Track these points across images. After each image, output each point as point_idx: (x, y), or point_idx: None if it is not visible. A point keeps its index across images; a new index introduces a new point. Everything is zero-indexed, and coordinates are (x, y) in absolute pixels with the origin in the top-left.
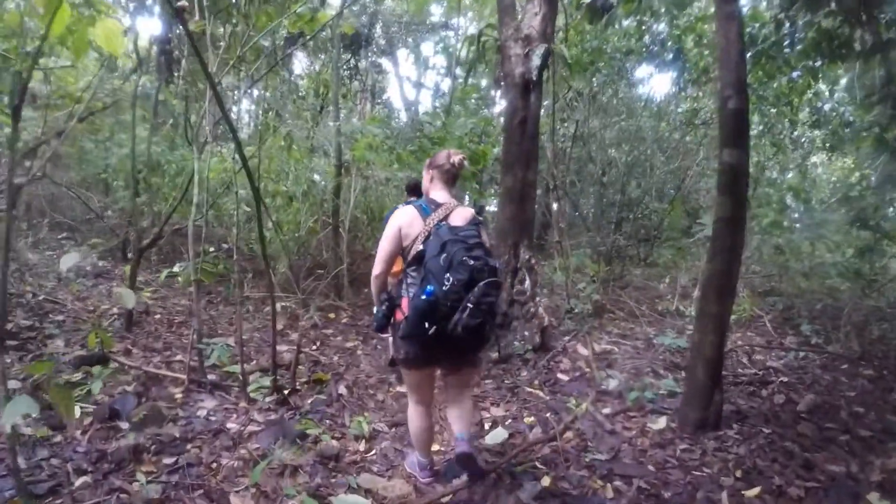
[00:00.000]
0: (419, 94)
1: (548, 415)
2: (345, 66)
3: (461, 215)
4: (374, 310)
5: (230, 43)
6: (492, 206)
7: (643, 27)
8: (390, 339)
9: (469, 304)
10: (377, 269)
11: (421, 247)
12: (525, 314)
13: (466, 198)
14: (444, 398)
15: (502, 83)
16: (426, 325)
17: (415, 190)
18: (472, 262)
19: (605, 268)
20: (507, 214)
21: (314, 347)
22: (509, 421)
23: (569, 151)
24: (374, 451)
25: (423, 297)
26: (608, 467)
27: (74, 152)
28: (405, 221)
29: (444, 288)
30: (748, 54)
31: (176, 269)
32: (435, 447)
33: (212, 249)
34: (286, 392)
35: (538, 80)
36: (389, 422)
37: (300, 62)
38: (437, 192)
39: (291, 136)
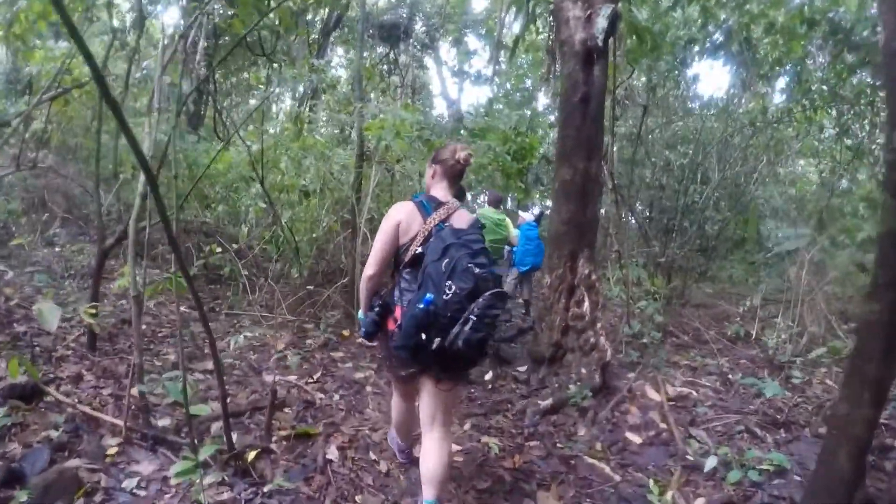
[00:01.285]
0: (461, 93)
1: None
2: (383, 61)
3: (463, 218)
4: (361, 314)
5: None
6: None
7: (708, 13)
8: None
9: (472, 317)
10: (370, 269)
11: (419, 249)
12: (582, 345)
13: (510, 199)
14: (424, 414)
15: (557, 53)
16: (423, 336)
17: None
18: (477, 270)
19: (667, 283)
20: (564, 216)
21: (313, 379)
22: None
23: (620, 149)
24: None
25: (421, 305)
26: None
27: (90, 145)
28: (404, 217)
29: (444, 297)
30: None
31: (123, 275)
32: None
33: (219, 250)
34: (251, 455)
35: (604, 49)
36: None
37: (336, 54)
38: (439, 190)
39: (302, 119)
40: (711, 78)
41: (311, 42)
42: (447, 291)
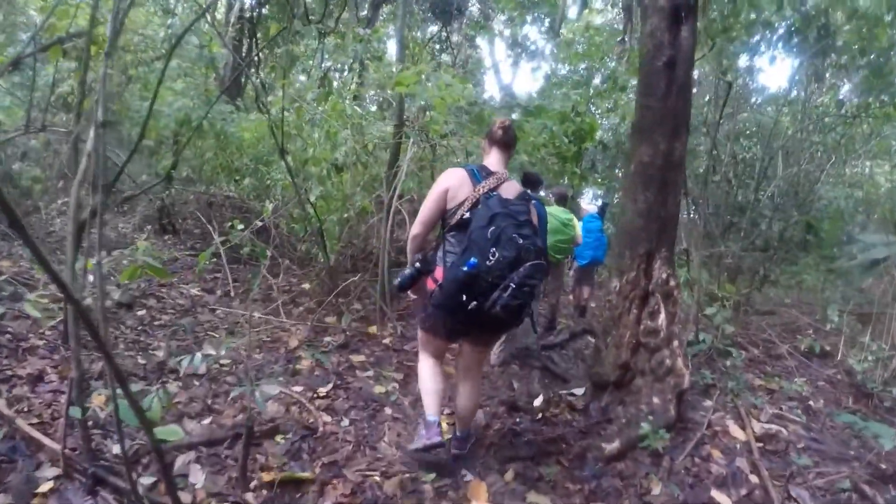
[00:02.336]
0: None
1: None
2: (434, 38)
3: (512, 189)
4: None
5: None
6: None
7: None
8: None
9: (512, 284)
10: (416, 229)
11: (467, 214)
12: (655, 368)
13: (564, 180)
14: (455, 371)
15: (637, 9)
16: (464, 297)
17: (530, 181)
18: (520, 241)
19: (735, 288)
20: (640, 207)
21: (322, 393)
22: None
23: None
24: None
25: (465, 268)
26: None
27: (122, 111)
28: (454, 183)
29: (487, 263)
30: None
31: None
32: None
33: (241, 227)
34: None
35: (693, 4)
36: None
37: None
38: (491, 161)
39: (331, 80)
40: (772, 71)
41: (359, 18)
42: (490, 258)
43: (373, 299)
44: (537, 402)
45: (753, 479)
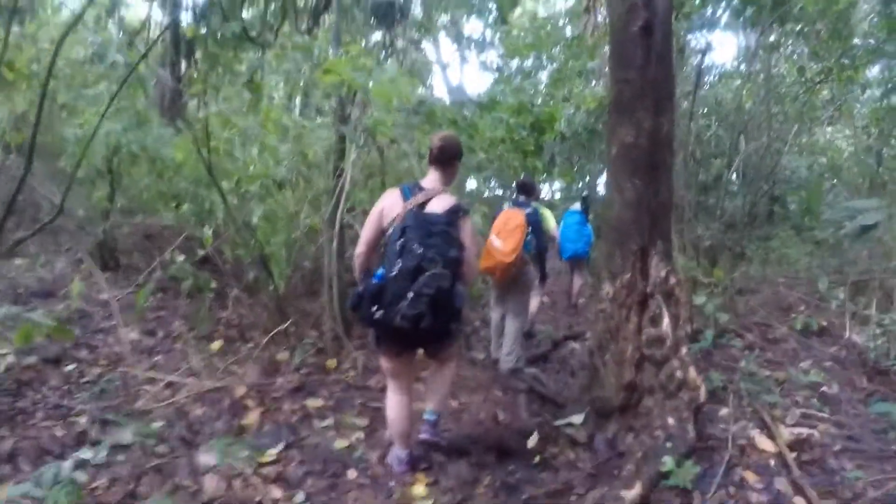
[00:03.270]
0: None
1: None
2: (378, 46)
3: (442, 203)
4: None
5: None
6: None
7: None
8: None
9: (410, 293)
10: (358, 248)
11: (390, 230)
12: (665, 383)
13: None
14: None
15: None
16: (373, 308)
17: (525, 189)
18: (419, 251)
19: (721, 272)
20: (628, 197)
21: (271, 457)
22: None
23: None
24: None
25: (374, 280)
26: None
27: (53, 142)
28: (388, 202)
29: (391, 274)
30: None
31: None
32: None
33: (181, 257)
34: None
35: None
36: None
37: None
38: (427, 178)
39: (259, 86)
40: (722, 48)
41: (300, 30)
42: (394, 269)
43: (330, 326)
44: (531, 441)
45: (799, 501)
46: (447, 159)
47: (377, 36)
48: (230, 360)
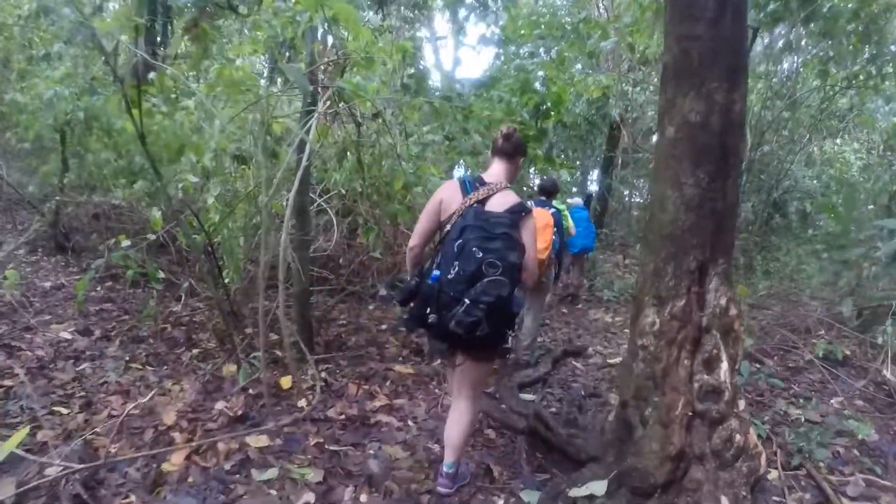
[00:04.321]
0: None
1: None
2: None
3: (503, 200)
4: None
5: None
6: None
7: None
8: None
9: (467, 300)
10: (412, 241)
11: (448, 227)
12: (720, 449)
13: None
14: (453, 386)
15: None
16: (427, 310)
17: (545, 191)
18: (479, 255)
19: (746, 290)
20: (688, 195)
21: None
22: None
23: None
24: None
25: (429, 281)
26: None
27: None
28: (447, 194)
29: (448, 276)
30: None
31: None
32: None
33: (127, 242)
34: None
35: None
36: None
37: None
38: (489, 171)
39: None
40: None
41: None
42: (451, 271)
43: (288, 332)
44: None
45: None
46: (514, 151)
47: (370, 14)
48: (166, 371)
